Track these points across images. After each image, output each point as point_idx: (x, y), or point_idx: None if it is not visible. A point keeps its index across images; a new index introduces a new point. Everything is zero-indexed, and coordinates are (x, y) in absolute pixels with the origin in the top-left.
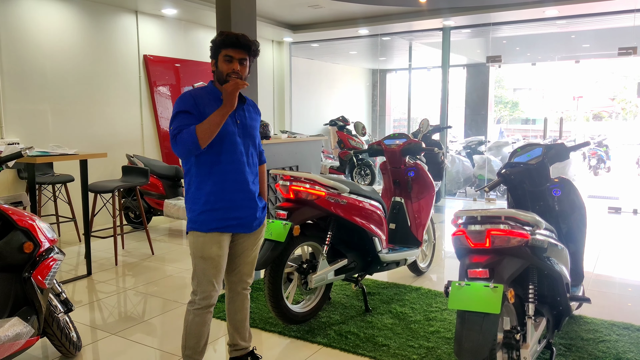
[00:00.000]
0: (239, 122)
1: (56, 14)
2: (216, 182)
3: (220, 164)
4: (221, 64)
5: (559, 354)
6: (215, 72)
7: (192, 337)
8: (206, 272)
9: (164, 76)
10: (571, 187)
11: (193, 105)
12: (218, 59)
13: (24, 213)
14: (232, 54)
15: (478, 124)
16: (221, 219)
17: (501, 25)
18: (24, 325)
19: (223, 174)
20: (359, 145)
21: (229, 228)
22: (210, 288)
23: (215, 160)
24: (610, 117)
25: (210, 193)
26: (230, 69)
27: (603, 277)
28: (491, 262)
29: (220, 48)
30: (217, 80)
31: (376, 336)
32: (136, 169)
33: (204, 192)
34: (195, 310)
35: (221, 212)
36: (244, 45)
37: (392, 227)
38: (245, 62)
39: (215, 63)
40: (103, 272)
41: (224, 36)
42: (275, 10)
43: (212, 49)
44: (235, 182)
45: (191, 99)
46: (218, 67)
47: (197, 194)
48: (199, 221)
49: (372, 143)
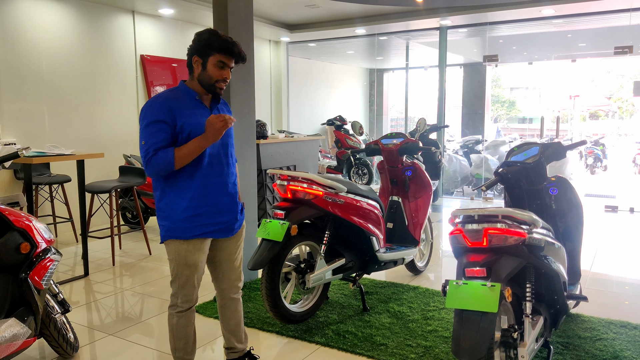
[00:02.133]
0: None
1: (53, 14)
2: (198, 186)
3: (201, 168)
4: (212, 67)
5: (556, 352)
6: (200, 73)
7: (179, 339)
8: (190, 278)
9: (161, 76)
10: (568, 186)
11: (167, 112)
12: (208, 61)
13: (20, 214)
14: (225, 61)
15: (475, 123)
16: (204, 225)
17: (498, 24)
18: (21, 326)
19: (205, 177)
20: (356, 144)
21: (212, 234)
22: (192, 292)
23: (197, 165)
24: (607, 116)
25: (192, 198)
26: (221, 76)
27: (600, 275)
28: (488, 260)
29: (214, 51)
30: (200, 80)
31: (374, 335)
32: (133, 169)
33: (185, 197)
34: (178, 313)
35: (204, 218)
36: (237, 54)
37: (389, 227)
38: (232, 68)
39: (202, 63)
40: (100, 273)
41: (221, 40)
42: (272, 10)
43: (200, 47)
44: (218, 185)
45: (164, 105)
46: (207, 69)
47: (176, 200)
48: (180, 228)
49: (369, 142)
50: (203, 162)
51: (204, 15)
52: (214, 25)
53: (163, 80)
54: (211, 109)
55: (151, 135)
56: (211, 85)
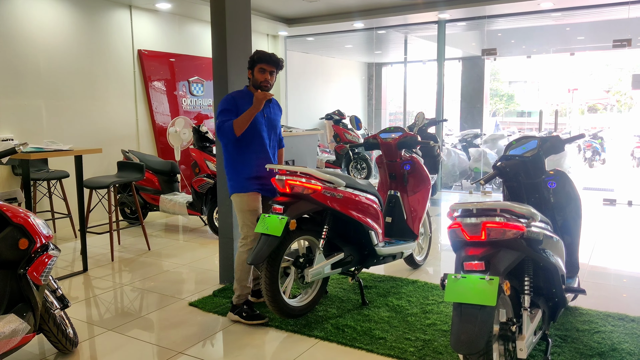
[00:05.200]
0: (266, 117)
1: (50, 9)
2: (252, 158)
3: (254, 145)
4: (257, 74)
5: (554, 345)
6: (251, 79)
7: (245, 272)
8: (253, 220)
9: (159, 71)
10: (566, 179)
11: (234, 104)
12: (254, 70)
13: (18, 209)
14: (265, 67)
15: (474, 116)
16: (256, 184)
17: (496, 17)
18: (20, 321)
19: (256, 152)
20: (354, 139)
21: (261, 191)
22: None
23: (249, 143)
24: (605, 109)
25: (248, 166)
26: (263, 78)
27: (598, 268)
28: (487, 254)
29: (257, 62)
30: (252, 84)
31: (373, 329)
32: (132, 165)
33: (244, 164)
34: (248, 250)
35: (255, 180)
36: (274, 61)
37: (388, 221)
38: (274, 73)
39: (251, 72)
40: (99, 268)
41: (260, 54)
42: (270, 4)
43: (249, 62)
44: (264, 159)
45: (232, 100)
46: (254, 75)
47: (238, 166)
48: (241, 186)
49: (368, 137)
50: (254, 142)
51: (201, 10)
52: (212, 20)
53: (161, 75)
54: (265, 106)
55: (222, 116)
56: (259, 86)
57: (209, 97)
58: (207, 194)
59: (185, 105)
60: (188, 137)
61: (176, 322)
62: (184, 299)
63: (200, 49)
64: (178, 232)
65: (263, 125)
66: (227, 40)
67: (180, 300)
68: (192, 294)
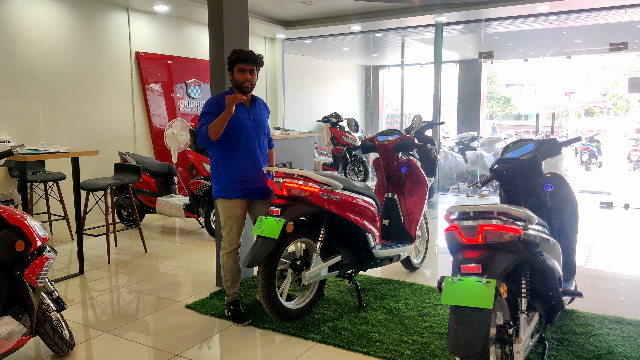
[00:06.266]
0: (252, 117)
1: (47, 11)
2: (237, 162)
3: (239, 149)
4: (236, 74)
5: (551, 348)
6: (232, 80)
7: (227, 273)
8: (233, 227)
9: (156, 73)
10: (563, 182)
11: (216, 107)
12: (234, 71)
13: (15, 211)
14: (244, 67)
15: (470, 119)
16: (241, 190)
17: (493, 21)
18: (16, 324)
19: (241, 155)
20: (352, 141)
21: (247, 196)
22: (235, 238)
23: (236, 146)
24: (602, 112)
25: (233, 170)
26: (243, 78)
27: (595, 271)
28: (484, 257)
29: (235, 63)
30: (233, 85)
31: (370, 332)
32: (128, 167)
33: (227, 169)
34: (226, 254)
35: (240, 184)
36: (252, 59)
37: (385, 223)
38: (254, 71)
39: (232, 74)
40: (95, 270)
41: (237, 53)
42: (267, 7)
43: (228, 64)
44: (250, 161)
45: (215, 102)
46: (234, 77)
47: (222, 170)
48: (224, 190)
49: (365, 139)
50: (240, 146)
51: (198, 12)
52: (209, 22)
53: (158, 77)
54: (250, 107)
55: (204, 120)
56: (240, 87)
57: (206, 99)
58: (203, 196)
59: (182, 108)
60: (185, 140)
61: (173, 324)
62: (180, 302)
63: (198, 52)
64: (175, 235)
65: (250, 127)
66: (225, 42)
67: (176, 302)
68: (189, 296)
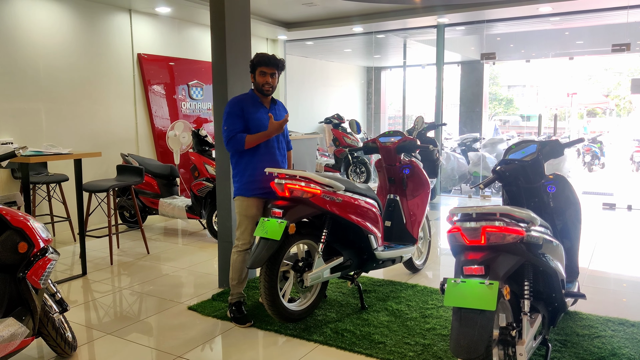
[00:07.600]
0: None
1: (50, 13)
2: (257, 162)
3: (259, 149)
4: (258, 77)
5: (554, 349)
6: (254, 82)
7: (236, 272)
8: (248, 226)
9: (159, 75)
10: (566, 184)
11: (239, 108)
12: (255, 74)
13: (18, 213)
14: (265, 70)
15: (473, 121)
16: (259, 188)
17: (495, 22)
18: (19, 325)
19: (261, 156)
20: (354, 143)
21: (265, 195)
22: (249, 238)
23: (256, 147)
24: (604, 113)
25: (253, 169)
26: (264, 81)
27: (598, 273)
28: (486, 259)
29: (257, 66)
30: (255, 88)
31: (372, 334)
32: (131, 168)
33: (248, 168)
34: (238, 252)
35: (259, 183)
36: (273, 63)
37: (387, 225)
38: (275, 75)
39: (253, 76)
40: (98, 272)
41: (260, 57)
42: (269, 8)
43: (250, 67)
44: (269, 162)
45: (238, 104)
46: (256, 79)
47: (243, 170)
48: (244, 189)
49: (367, 141)
50: (260, 146)
51: (200, 14)
52: (211, 24)
53: (160, 79)
54: (270, 107)
55: (229, 122)
56: (261, 89)
57: (208, 100)
58: (206, 197)
59: (184, 109)
60: (187, 141)
61: (175, 326)
62: (182, 303)
63: (200, 53)
64: (177, 236)
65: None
66: (227, 44)
67: (179, 304)
68: (191, 297)
